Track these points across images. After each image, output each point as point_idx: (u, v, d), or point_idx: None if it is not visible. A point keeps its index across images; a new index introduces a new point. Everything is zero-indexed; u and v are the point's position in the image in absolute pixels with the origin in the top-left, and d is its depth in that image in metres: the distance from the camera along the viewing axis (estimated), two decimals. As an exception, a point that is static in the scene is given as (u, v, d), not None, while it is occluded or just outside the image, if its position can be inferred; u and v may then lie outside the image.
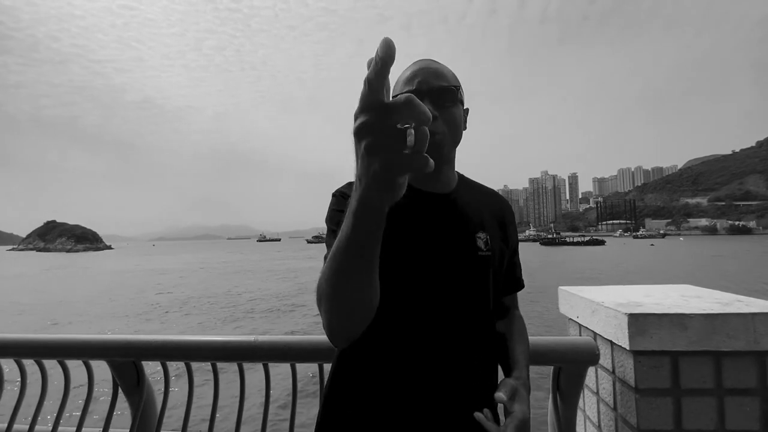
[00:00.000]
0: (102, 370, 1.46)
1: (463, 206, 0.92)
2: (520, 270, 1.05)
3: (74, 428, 1.43)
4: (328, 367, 1.28)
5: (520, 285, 1.05)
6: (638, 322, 1.10)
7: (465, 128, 0.92)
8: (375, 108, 0.43)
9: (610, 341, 1.22)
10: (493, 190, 1.05)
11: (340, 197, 0.90)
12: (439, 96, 0.83)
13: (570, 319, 1.52)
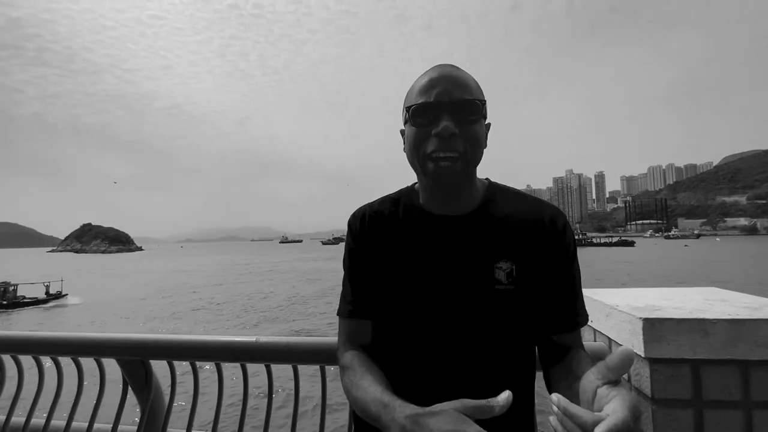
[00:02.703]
0: (113, 368, 1.49)
1: (483, 230, 0.79)
2: (579, 302, 0.81)
3: (86, 423, 1.46)
4: (329, 369, 1.26)
5: (576, 321, 0.79)
6: (654, 327, 1.02)
7: (486, 146, 0.81)
8: None
9: (625, 347, 1.15)
10: (538, 201, 0.84)
11: (351, 230, 0.89)
12: (461, 110, 0.73)
13: (584, 323, 1.44)
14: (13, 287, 27.45)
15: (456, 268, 0.77)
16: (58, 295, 28.77)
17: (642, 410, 0.50)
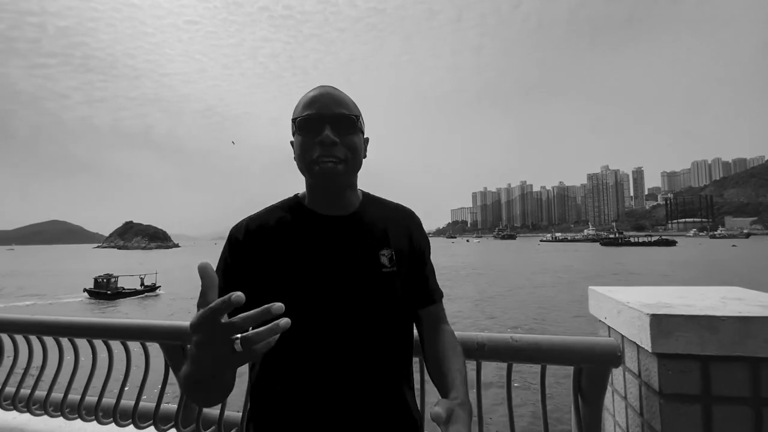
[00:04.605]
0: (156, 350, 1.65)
1: (366, 225, 0.94)
2: (434, 281, 1.04)
3: (133, 401, 1.63)
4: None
5: (434, 296, 1.02)
6: (662, 323, 1.04)
7: (365, 156, 0.96)
8: (208, 322, 0.56)
9: (635, 343, 1.17)
10: (398, 205, 1.06)
11: (231, 241, 0.90)
12: (339, 122, 0.86)
13: (599, 320, 1.46)
14: (114, 279, 30.11)
15: (347, 257, 0.89)
16: (153, 287, 31.25)
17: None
